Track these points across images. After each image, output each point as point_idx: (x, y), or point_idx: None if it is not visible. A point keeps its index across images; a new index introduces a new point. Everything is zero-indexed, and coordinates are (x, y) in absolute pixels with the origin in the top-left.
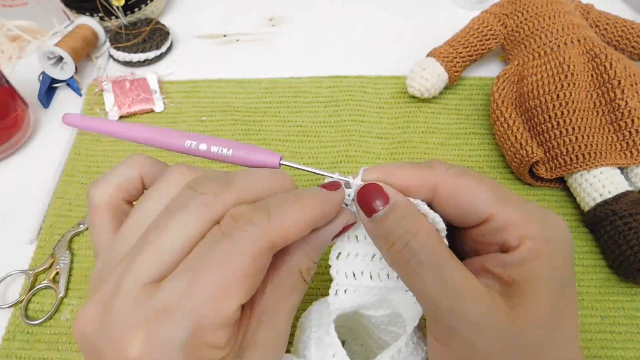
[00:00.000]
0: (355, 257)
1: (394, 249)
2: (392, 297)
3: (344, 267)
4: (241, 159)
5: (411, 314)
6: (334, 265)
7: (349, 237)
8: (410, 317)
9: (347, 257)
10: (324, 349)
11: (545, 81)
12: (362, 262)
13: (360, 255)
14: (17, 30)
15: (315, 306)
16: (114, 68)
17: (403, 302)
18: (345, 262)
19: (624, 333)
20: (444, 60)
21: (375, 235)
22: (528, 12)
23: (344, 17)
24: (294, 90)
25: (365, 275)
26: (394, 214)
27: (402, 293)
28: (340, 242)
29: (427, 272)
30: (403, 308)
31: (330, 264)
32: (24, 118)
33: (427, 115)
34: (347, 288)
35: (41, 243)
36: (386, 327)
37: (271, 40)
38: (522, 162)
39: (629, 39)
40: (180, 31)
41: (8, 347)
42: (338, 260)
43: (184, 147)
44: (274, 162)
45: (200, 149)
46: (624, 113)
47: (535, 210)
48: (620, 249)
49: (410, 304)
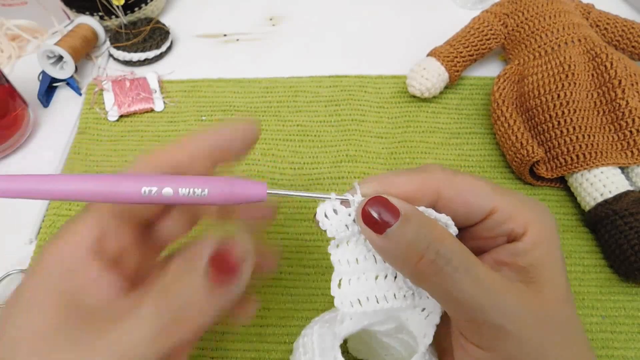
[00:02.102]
0: (357, 281)
1: (424, 262)
2: (400, 314)
3: (348, 295)
4: (221, 197)
5: (422, 330)
6: (337, 295)
7: (348, 261)
8: (420, 334)
9: (349, 283)
10: None
11: (546, 81)
12: (365, 286)
13: (362, 279)
14: (16, 29)
15: (317, 326)
16: (114, 67)
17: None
18: (348, 289)
19: (625, 333)
20: (444, 60)
21: (392, 254)
22: (529, 11)
23: (344, 17)
24: (294, 90)
25: (372, 300)
26: (410, 225)
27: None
28: (339, 268)
29: (464, 277)
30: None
31: (333, 294)
32: (23, 117)
33: (427, 115)
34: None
35: (41, 243)
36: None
37: (271, 40)
38: (522, 162)
39: (629, 39)
40: (180, 31)
41: None
42: (340, 289)
43: (141, 196)
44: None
45: (164, 194)
46: (625, 113)
47: (525, 197)
48: (621, 249)
49: (419, 320)
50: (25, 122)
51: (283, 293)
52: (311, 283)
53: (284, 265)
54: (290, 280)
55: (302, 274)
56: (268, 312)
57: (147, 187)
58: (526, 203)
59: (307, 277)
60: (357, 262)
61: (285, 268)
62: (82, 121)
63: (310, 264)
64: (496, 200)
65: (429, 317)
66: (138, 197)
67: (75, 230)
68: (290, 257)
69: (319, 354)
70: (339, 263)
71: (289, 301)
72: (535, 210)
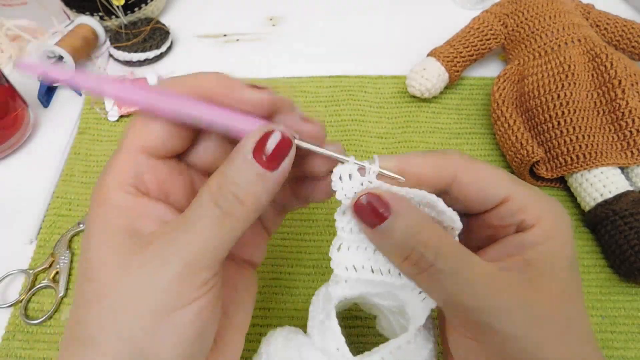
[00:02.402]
0: (356, 250)
1: (408, 262)
2: (397, 293)
3: (345, 260)
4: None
5: (416, 312)
6: (335, 258)
7: (351, 229)
8: (414, 315)
9: (348, 249)
10: (324, 332)
11: (546, 81)
12: (363, 255)
13: (362, 248)
14: (17, 29)
15: (324, 287)
16: (114, 67)
17: (408, 298)
18: (346, 254)
19: (625, 333)
20: (444, 60)
21: (383, 248)
22: (528, 11)
23: (344, 17)
24: (294, 90)
25: (367, 268)
26: (399, 223)
27: (407, 290)
28: (342, 234)
29: (448, 278)
30: (408, 305)
31: (331, 255)
32: (23, 117)
33: (427, 115)
34: (347, 279)
35: (41, 243)
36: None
37: (271, 40)
38: (522, 162)
39: (629, 39)
40: (180, 31)
41: (8, 347)
42: (339, 252)
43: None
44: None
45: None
46: (625, 113)
47: (542, 193)
48: (621, 249)
49: (415, 302)
50: (26, 123)
51: (283, 293)
52: (311, 283)
53: (284, 265)
54: (290, 280)
55: (302, 274)
56: (268, 312)
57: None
58: (542, 197)
59: (307, 277)
60: (359, 232)
61: (285, 268)
62: (83, 121)
63: (310, 264)
64: (511, 190)
65: (425, 300)
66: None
67: (114, 172)
68: (290, 257)
69: (320, 313)
70: (342, 230)
71: (289, 301)
72: (549, 205)
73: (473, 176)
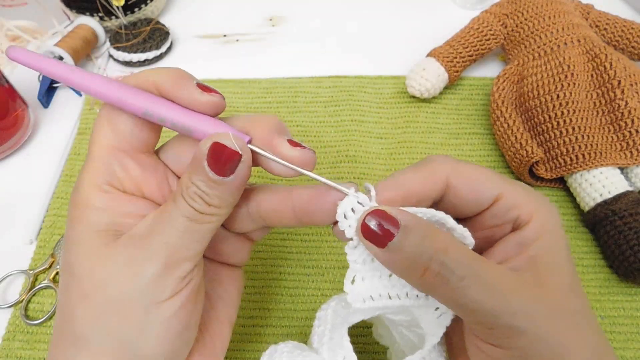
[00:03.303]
0: (371, 280)
1: (429, 275)
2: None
3: (361, 292)
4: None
5: (432, 329)
6: (350, 291)
7: (364, 260)
8: (430, 332)
9: (363, 280)
10: (335, 350)
11: (545, 81)
12: (379, 284)
13: (377, 277)
14: (16, 30)
15: (334, 302)
16: (113, 68)
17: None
18: (362, 286)
19: (624, 333)
20: (444, 60)
21: (397, 267)
22: (528, 12)
23: (344, 17)
24: (293, 90)
25: (384, 296)
26: (411, 237)
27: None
28: (355, 266)
29: (471, 285)
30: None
31: (345, 290)
32: (23, 118)
33: (427, 115)
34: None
35: (41, 243)
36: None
37: (271, 40)
38: (522, 162)
39: (629, 39)
40: (180, 31)
41: (8, 347)
42: (354, 285)
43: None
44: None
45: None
46: (624, 113)
47: (530, 188)
48: (620, 249)
49: (431, 320)
50: (26, 123)
51: (283, 293)
52: (311, 284)
53: (284, 266)
54: (290, 280)
55: (302, 274)
56: (268, 312)
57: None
58: (531, 193)
59: (307, 277)
60: (372, 261)
61: (285, 269)
62: (82, 122)
63: (310, 264)
64: (502, 188)
65: (441, 317)
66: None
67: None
68: (290, 257)
69: (330, 329)
70: (355, 262)
71: (289, 301)
72: (539, 200)
73: (464, 178)
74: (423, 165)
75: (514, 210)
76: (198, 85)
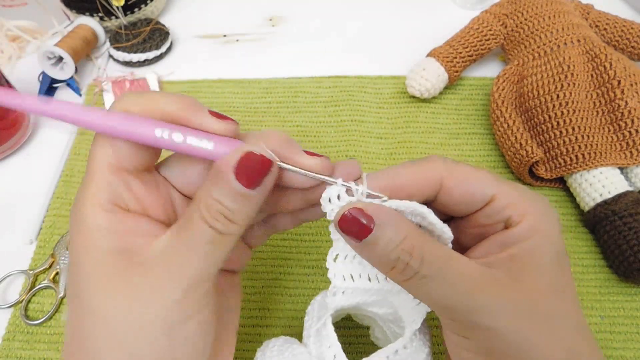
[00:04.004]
0: (352, 259)
1: (395, 272)
2: (392, 299)
3: (341, 270)
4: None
5: (411, 316)
6: (331, 268)
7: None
8: (409, 319)
9: (345, 259)
10: (321, 340)
11: (545, 81)
12: (359, 264)
13: (358, 258)
14: (17, 30)
15: (319, 297)
16: (113, 68)
17: (403, 304)
18: (343, 264)
19: (624, 333)
20: (443, 60)
21: (370, 260)
22: (528, 12)
23: (344, 17)
24: (293, 90)
25: (363, 277)
26: (382, 235)
27: (402, 295)
28: (338, 244)
29: (434, 283)
30: (402, 310)
31: (328, 266)
32: (23, 118)
33: (427, 115)
34: (344, 290)
35: (41, 243)
36: (392, 322)
37: (271, 40)
38: (522, 162)
39: (628, 39)
40: (180, 31)
41: (8, 347)
42: (335, 262)
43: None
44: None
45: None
46: (624, 113)
47: (528, 190)
48: (620, 249)
49: (410, 307)
50: (26, 123)
51: (283, 294)
52: (311, 284)
53: (284, 266)
54: (290, 280)
55: (301, 274)
56: (268, 312)
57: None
58: (527, 194)
59: (307, 277)
60: None
61: (285, 269)
62: None
63: (310, 264)
64: (497, 189)
65: (420, 304)
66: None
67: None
68: (290, 257)
69: (316, 321)
70: (338, 241)
71: (289, 301)
72: (535, 202)
73: (458, 180)
74: (418, 163)
75: (507, 211)
76: (211, 113)
